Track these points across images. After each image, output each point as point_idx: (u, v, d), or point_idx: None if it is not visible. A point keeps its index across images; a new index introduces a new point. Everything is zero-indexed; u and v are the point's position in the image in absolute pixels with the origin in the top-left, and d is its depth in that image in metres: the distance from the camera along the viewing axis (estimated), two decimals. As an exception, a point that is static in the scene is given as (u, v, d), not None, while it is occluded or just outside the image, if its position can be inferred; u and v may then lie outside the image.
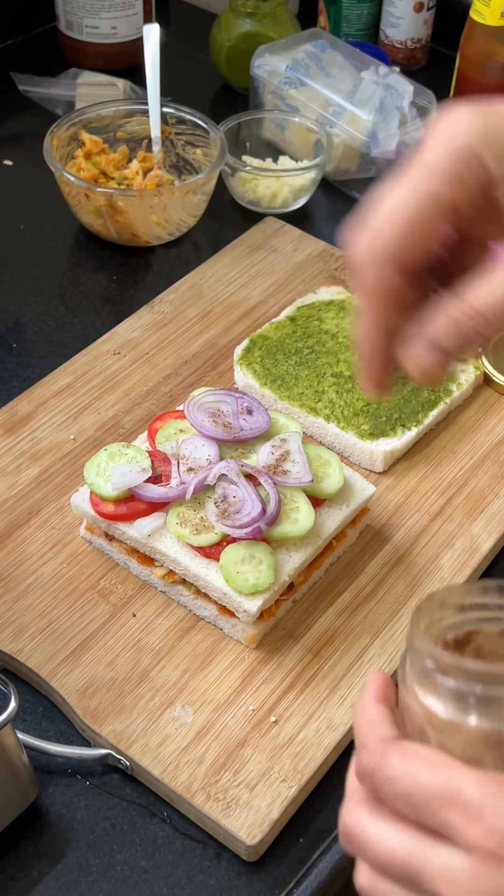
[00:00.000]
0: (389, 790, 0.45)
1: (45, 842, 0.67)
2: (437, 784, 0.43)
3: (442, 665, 0.45)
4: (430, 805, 0.43)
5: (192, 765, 0.68)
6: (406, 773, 0.44)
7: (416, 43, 1.37)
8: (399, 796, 0.44)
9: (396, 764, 0.45)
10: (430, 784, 0.43)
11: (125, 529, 0.77)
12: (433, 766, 0.44)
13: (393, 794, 0.44)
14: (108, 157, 1.11)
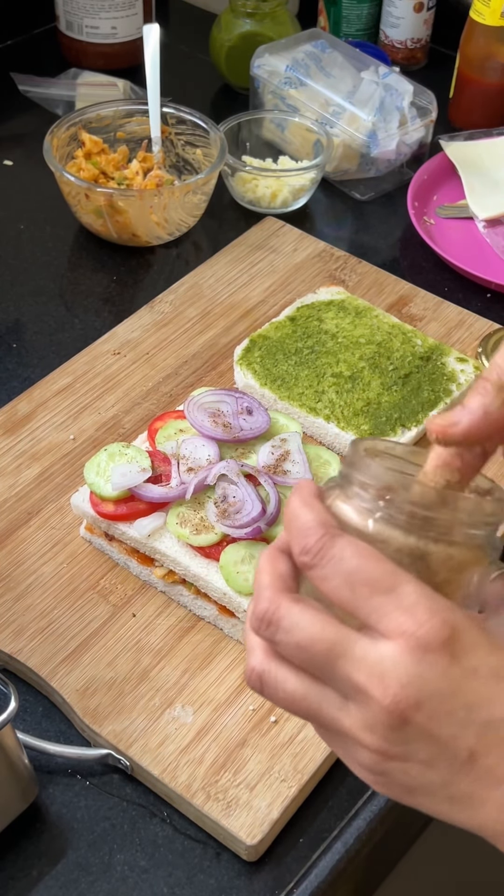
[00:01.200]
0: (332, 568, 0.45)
1: (45, 842, 0.67)
2: (382, 571, 0.44)
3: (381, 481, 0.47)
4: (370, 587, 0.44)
5: (191, 765, 0.68)
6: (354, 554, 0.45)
7: (415, 43, 1.37)
8: (339, 574, 0.44)
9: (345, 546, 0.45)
10: (374, 569, 0.44)
11: (125, 529, 0.77)
12: (378, 557, 0.45)
13: (334, 571, 0.45)
14: (108, 157, 1.11)
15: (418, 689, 0.43)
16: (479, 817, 0.45)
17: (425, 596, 0.44)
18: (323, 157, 1.12)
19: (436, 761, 0.44)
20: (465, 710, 0.43)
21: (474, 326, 1.00)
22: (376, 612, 0.44)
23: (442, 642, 0.43)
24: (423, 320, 1.01)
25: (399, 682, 0.43)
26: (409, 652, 0.43)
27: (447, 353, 0.94)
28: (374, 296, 1.03)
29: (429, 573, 0.46)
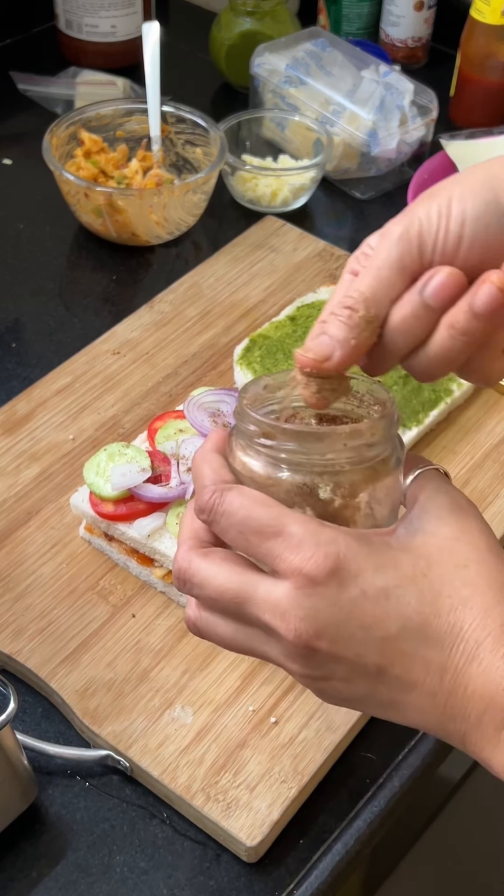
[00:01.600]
0: (225, 522, 0.49)
1: (44, 843, 0.67)
2: (268, 517, 0.48)
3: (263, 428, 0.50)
4: (259, 534, 0.48)
5: (191, 766, 0.68)
6: (241, 507, 0.49)
7: (416, 42, 1.36)
8: (232, 526, 0.49)
9: (233, 499, 0.49)
10: (261, 517, 0.48)
11: (125, 529, 0.77)
12: (265, 503, 0.49)
13: (227, 525, 0.49)
14: (107, 156, 1.11)
15: (315, 620, 0.47)
16: (407, 718, 0.50)
17: (309, 532, 0.48)
18: (323, 156, 1.12)
19: (353, 678, 0.49)
20: (362, 631, 0.48)
21: (475, 326, 1.00)
22: (270, 556, 0.48)
23: (328, 573, 0.47)
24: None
25: (297, 616, 0.47)
26: (300, 588, 0.47)
27: (447, 353, 0.94)
28: (375, 295, 1.03)
29: (322, 504, 0.49)
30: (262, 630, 0.50)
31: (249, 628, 0.50)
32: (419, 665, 0.48)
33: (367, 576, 0.48)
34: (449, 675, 0.48)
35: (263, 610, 0.48)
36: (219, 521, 0.50)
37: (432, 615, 0.48)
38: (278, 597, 0.48)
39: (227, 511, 0.49)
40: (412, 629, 0.48)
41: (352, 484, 0.50)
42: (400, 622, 0.48)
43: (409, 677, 0.48)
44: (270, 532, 0.48)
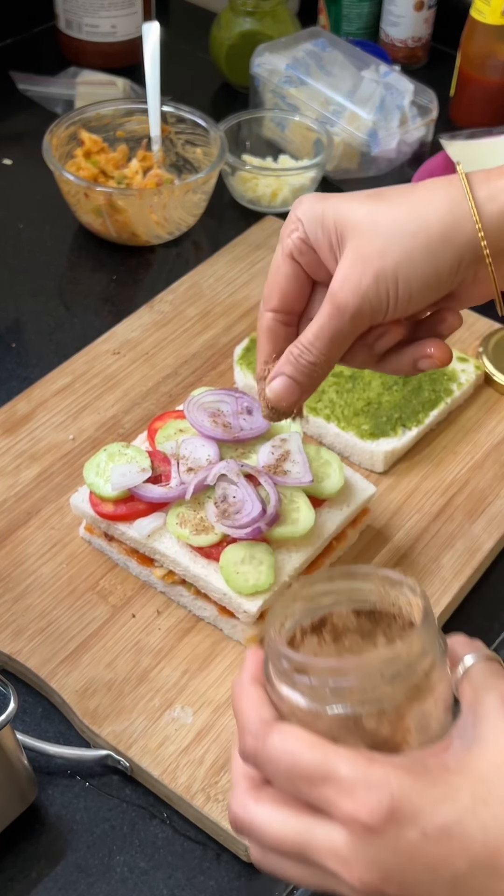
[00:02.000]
0: (272, 769, 0.48)
1: (44, 843, 0.67)
2: (314, 762, 0.46)
3: (295, 664, 0.48)
4: (308, 782, 0.46)
5: (191, 766, 0.68)
6: (285, 752, 0.47)
7: (416, 42, 1.36)
8: (280, 774, 0.47)
9: (277, 743, 0.47)
10: (308, 762, 0.46)
11: (125, 530, 0.77)
12: (310, 745, 0.47)
13: (275, 772, 0.47)
14: (107, 156, 1.11)
15: (378, 868, 0.45)
16: None
17: (359, 773, 0.45)
18: (323, 156, 1.12)
19: None
20: (429, 872, 0.45)
21: (475, 326, 1.00)
22: (322, 803, 0.46)
23: (383, 819, 0.45)
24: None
25: (359, 865, 0.45)
26: (359, 836, 0.45)
27: (448, 353, 0.94)
28: (375, 295, 1.03)
29: (370, 734, 0.47)
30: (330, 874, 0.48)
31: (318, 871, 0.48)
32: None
33: (426, 816, 0.45)
34: None
35: (325, 857, 0.46)
36: (265, 768, 0.48)
37: (500, 847, 0.45)
38: (337, 845, 0.46)
39: (271, 758, 0.48)
40: (480, 865, 0.45)
41: (397, 707, 0.47)
42: (467, 860, 0.45)
43: None
44: (318, 777, 0.46)
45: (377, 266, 0.58)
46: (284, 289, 0.63)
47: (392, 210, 0.59)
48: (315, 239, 0.61)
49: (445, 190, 0.58)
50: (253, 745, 0.48)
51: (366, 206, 0.60)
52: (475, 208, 0.57)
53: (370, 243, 0.58)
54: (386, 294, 0.59)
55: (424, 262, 0.58)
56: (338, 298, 0.59)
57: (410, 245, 0.58)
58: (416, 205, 0.59)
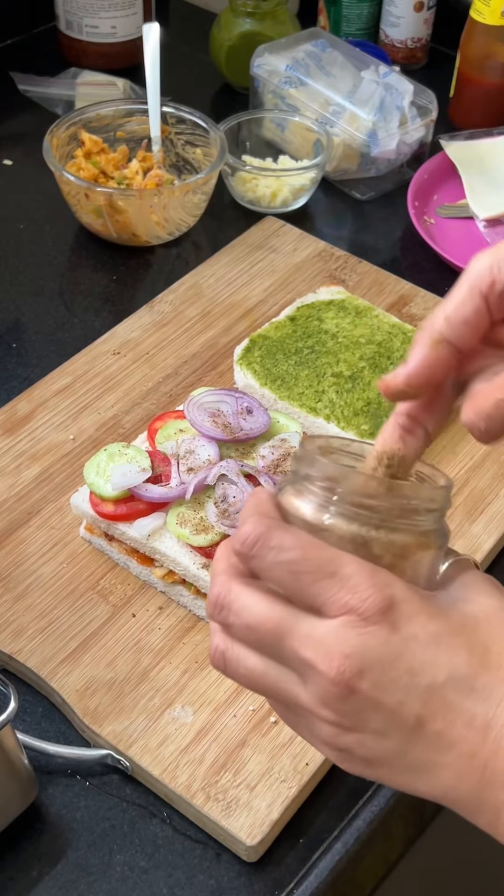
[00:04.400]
0: (272, 558, 0.46)
1: (44, 842, 0.67)
2: (323, 557, 0.46)
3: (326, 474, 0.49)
4: (313, 573, 0.46)
5: (191, 765, 0.68)
6: (295, 545, 0.46)
7: (416, 42, 1.37)
8: (282, 564, 0.46)
9: (286, 536, 0.47)
10: (316, 556, 0.46)
11: (125, 529, 0.77)
12: (319, 546, 0.46)
13: (275, 561, 0.46)
14: (107, 156, 1.11)
15: (360, 659, 0.45)
16: (437, 784, 0.46)
17: (366, 573, 0.46)
18: (323, 156, 1.12)
19: (387, 730, 0.46)
20: (408, 676, 0.45)
21: (474, 326, 1.00)
22: (321, 596, 0.46)
23: (381, 612, 0.45)
24: (424, 320, 1.01)
25: (342, 653, 0.45)
26: (350, 625, 0.45)
27: (447, 353, 0.94)
28: (375, 295, 1.03)
29: (373, 558, 0.48)
30: (296, 670, 0.47)
31: (282, 667, 0.47)
32: (462, 719, 0.45)
33: (421, 620, 0.46)
34: (493, 732, 0.45)
35: (305, 645, 0.46)
36: (265, 557, 0.47)
37: (481, 667, 0.46)
38: (323, 633, 0.45)
39: (278, 546, 0.46)
40: (459, 679, 0.45)
41: (405, 545, 0.48)
42: (448, 670, 0.45)
43: (449, 733, 0.45)
44: (325, 572, 0.46)
45: None
46: None
47: None
48: None
49: None
50: (257, 531, 0.47)
51: None
52: None
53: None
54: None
55: None
56: None
57: None
58: None
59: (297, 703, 0.47)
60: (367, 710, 0.46)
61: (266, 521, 0.47)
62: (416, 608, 0.46)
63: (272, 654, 0.47)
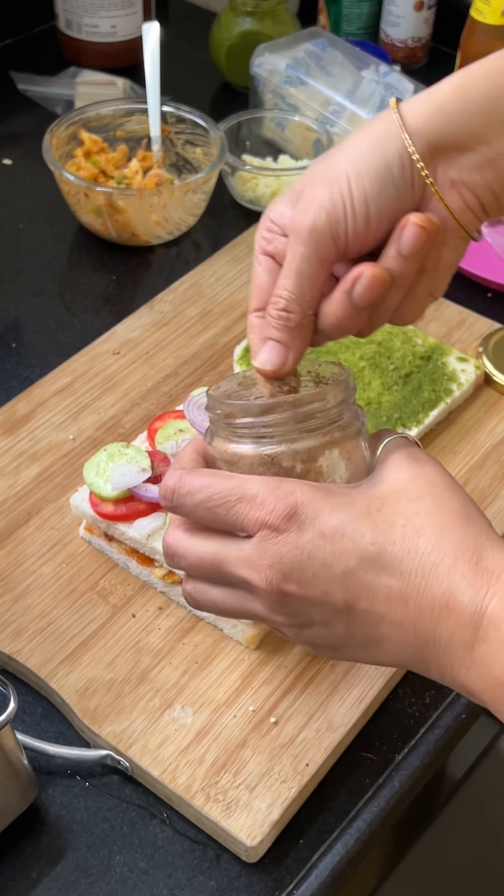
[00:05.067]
0: (190, 501, 0.53)
1: (44, 843, 0.67)
2: (228, 486, 0.52)
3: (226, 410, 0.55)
4: (224, 504, 0.52)
5: (191, 766, 0.68)
6: (203, 485, 0.53)
7: (416, 42, 1.36)
8: (198, 505, 0.53)
9: (194, 480, 0.53)
10: (222, 487, 0.52)
11: (125, 530, 0.77)
12: (225, 476, 0.53)
13: (193, 504, 0.53)
14: (107, 156, 1.11)
15: (280, 565, 0.51)
16: (388, 653, 0.52)
17: (269, 488, 0.52)
18: (323, 156, 1.11)
19: (328, 619, 0.52)
20: (324, 569, 0.51)
21: (475, 326, 1.00)
22: (238, 520, 0.52)
23: (287, 519, 0.51)
24: (424, 320, 1.01)
25: (264, 564, 0.51)
26: (266, 538, 0.51)
27: (448, 353, 0.94)
28: (375, 295, 1.03)
29: (285, 471, 0.54)
30: (243, 588, 0.53)
31: (234, 589, 0.54)
32: (382, 594, 0.50)
33: (324, 516, 0.51)
34: (412, 600, 0.50)
35: (238, 566, 0.52)
36: (183, 503, 0.54)
37: (387, 543, 0.50)
38: (249, 552, 0.52)
39: (190, 491, 0.53)
40: (369, 560, 0.50)
41: (309, 450, 0.53)
42: (357, 555, 0.50)
43: (375, 609, 0.50)
44: (234, 499, 0.52)
45: (327, 174, 0.55)
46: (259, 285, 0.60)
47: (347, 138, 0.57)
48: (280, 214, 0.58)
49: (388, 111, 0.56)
50: (170, 482, 0.54)
51: None
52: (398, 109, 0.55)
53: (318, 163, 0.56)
54: (340, 197, 0.54)
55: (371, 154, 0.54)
56: (295, 222, 0.55)
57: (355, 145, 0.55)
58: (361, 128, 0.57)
59: (259, 616, 0.54)
60: (305, 606, 0.52)
61: (178, 472, 0.54)
62: (318, 506, 0.51)
63: (222, 581, 0.54)
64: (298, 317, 0.56)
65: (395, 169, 0.54)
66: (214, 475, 0.53)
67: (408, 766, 0.71)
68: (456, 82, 0.55)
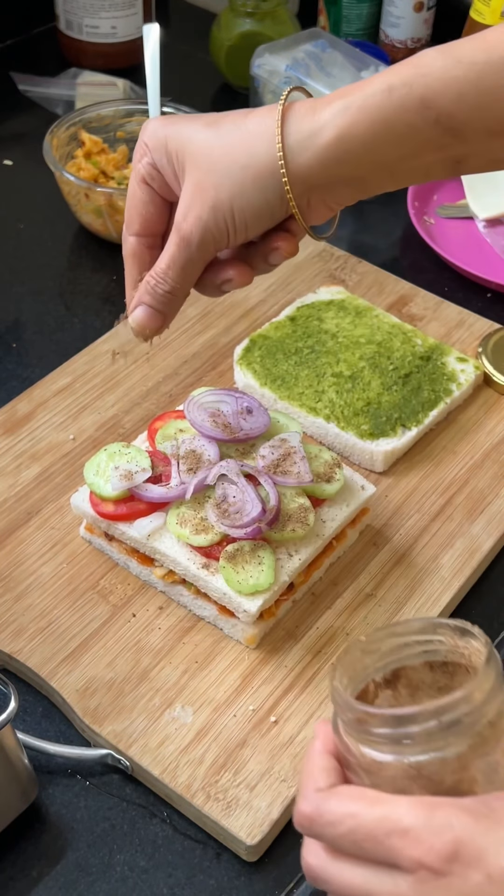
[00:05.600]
0: (332, 833, 0.47)
1: (44, 842, 0.67)
2: (376, 818, 0.46)
3: (358, 714, 0.48)
4: (373, 839, 0.46)
5: (191, 765, 0.68)
6: (346, 815, 0.47)
7: (416, 42, 1.37)
8: (343, 837, 0.47)
9: (334, 808, 0.47)
10: (369, 819, 0.46)
11: (125, 529, 0.77)
12: (370, 802, 0.46)
13: (337, 836, 0.47)
14: (107, 156, 1.11)
15: None
16: None
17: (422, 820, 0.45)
18: (323, 156, 1.11)
19: None
20: None
21: (474, 326, 1.00)
22: (390, 856, 0.45)
23: (447, 860, 0.44)
24: (424, 320, 1.01)
25: None
26: (424, 881, 0.45)
27: (447, 353, 0.94)
28: (375, 295, 1.03)
29: (433, 784, 0.46)
30: None
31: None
32: None
33: (490, 857, 0.45)
34: None
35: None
36: (323, 834, 0.48)
37: None
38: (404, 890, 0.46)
39: (330, 822, 0.47)
40: None
41: (459, 757, 0.46)
42: None
43: None
44: (382, 833, 0.46)
45: (213, 199, 0.62)
46: (143, 213, 0.66)
47: (225, 139, 0.63)
48: (161, 165, 0.64)
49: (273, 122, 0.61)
50: (306, 810, 0.48)
51: (202, 133, 0.63)
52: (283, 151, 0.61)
53: (206, 176, 0.62)
54: (224, 224, 0.62)
55: (255, 194, 0.62)
56: (182, 230, 0.63)
57: (241, 178, 0.61)
58: (248, 137, 0.62)
59: None
60: None
61: (314, 797, 0.48)
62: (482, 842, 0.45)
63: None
64: (179, 297, 0.66)
65: (275, 207, 0.62)
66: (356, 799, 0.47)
67: (407, 766, 0.71)
68: (338, 133, 0.60)
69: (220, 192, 0.62)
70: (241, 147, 0.62)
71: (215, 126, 0.64)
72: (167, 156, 0.64)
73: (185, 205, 0.63)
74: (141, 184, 0.66)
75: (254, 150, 0.61)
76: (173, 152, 0.63)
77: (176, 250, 0.64)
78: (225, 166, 0.62)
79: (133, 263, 0.68)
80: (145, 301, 0.66)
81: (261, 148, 0.61)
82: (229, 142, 0.62)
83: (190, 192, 0.63)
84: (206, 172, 0.62)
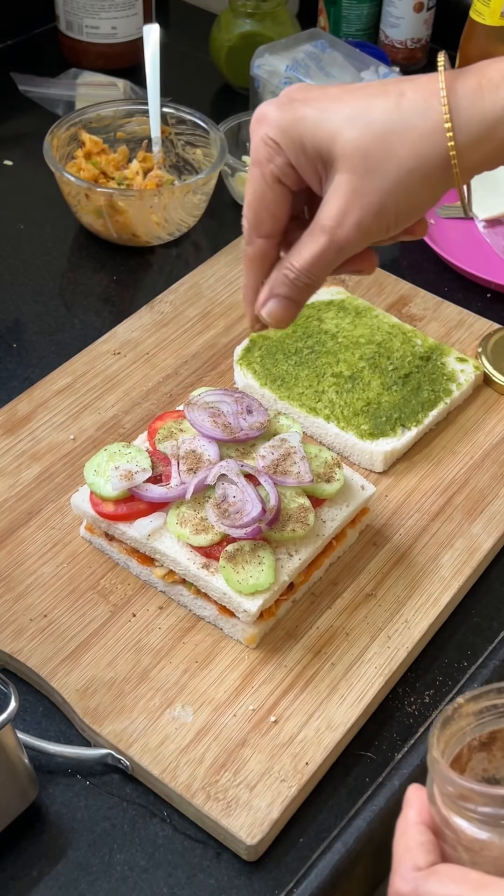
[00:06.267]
0: None
1: (45, 842, 0.67)
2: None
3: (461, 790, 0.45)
4: None
5: (191, 765, 0.68)
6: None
7: (415, 43, 1.37)
8: None
9: (435, 890, 0.45)
10: None
11: (125, 529, 0.77)
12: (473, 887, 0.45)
13: None
14: (108, 157, 1.11)
15: None
16: None
17: None
18: (323, 156, 1.12)
19: None
20: None
21: (474, 326, 1.00)
22: None
23: None
24: (423, 320, 1.01)
25: None
26: None
27: (447, 353, 0.94)
28: (374, 296, 1.03)
29: None
30: None
31: None
32: None
33: None
34: None
35: None
36: None
37: None
38: None
39: None
40: None
41: None
42: None
43: None
44: None
45: (378, 204, 0.59)
46: (275, 213, 0.62)
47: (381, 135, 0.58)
48: (299, 164, 0.60)
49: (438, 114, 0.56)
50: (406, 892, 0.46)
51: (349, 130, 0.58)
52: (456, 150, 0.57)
53: (365, 181, 0.58)
54: (386, 225, 0.60)
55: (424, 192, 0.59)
56: (338, 235, 0.60)
57: (408, 182, 0.58)
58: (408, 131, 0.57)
59: None
60: None
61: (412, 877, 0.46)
62: None
63: None
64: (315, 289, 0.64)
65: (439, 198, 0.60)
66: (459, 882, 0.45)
67: (407, 765, 0.71)
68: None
69: (385, 196, 0.58)
70: (404, 147, 0.57)
71: (362, 116, 0.58)
72: (305, 154, 0.59)
73: (340, 209, 0.59)
74: (275, 184, 0.61)
75: (420, 151, 0.57)
76: (315, 152, 0.59)
77: (324, 250, 0.60)
78: (388, 170, 0.58)
79: (260, 266, 0.64)
80: (282, 293, 0.63)
81: (427, 149, 0.57)
82: (388, 139, 0.57)
83: (345, 196, 0.58)
84: (364, 177, 0.58)
